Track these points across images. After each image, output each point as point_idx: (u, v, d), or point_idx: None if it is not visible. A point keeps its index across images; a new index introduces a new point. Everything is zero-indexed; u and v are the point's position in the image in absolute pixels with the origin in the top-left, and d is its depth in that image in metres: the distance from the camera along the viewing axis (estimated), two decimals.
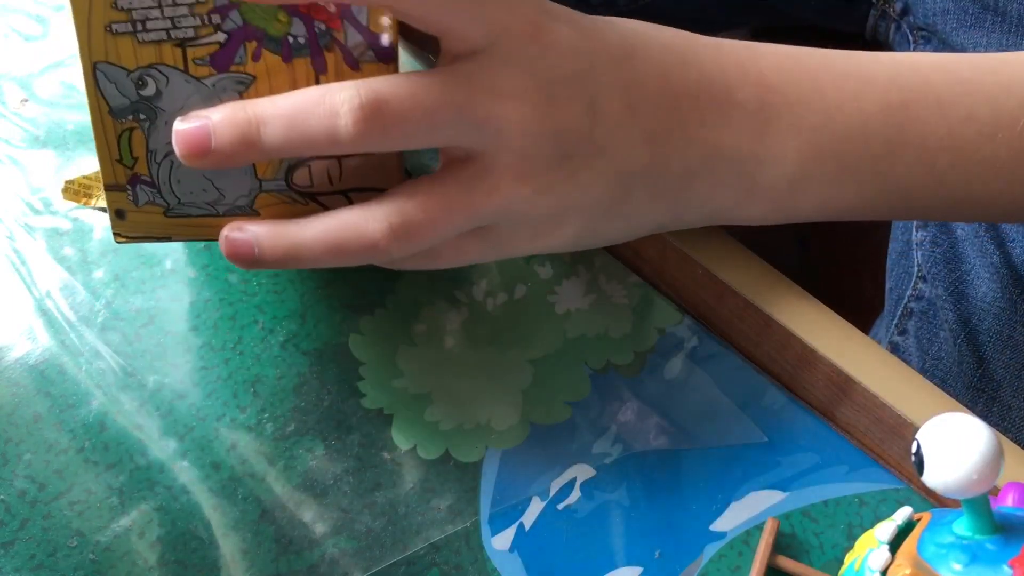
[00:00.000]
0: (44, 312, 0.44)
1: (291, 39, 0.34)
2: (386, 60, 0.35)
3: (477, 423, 0.43)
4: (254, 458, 0.41)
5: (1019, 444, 0.43)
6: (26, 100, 0.51)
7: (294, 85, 0.35)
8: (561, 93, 0.34)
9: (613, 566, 0.40)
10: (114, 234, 0.39)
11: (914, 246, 0.56)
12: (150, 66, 0.34)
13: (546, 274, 0.46)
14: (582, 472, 0.42)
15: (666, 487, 0.41)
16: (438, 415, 0.43)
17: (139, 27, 0.33)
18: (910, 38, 0.58)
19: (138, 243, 0.40)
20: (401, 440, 0.42)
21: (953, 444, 0.29)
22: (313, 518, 0.40)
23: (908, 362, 0.56)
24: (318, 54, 0.35)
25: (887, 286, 0.60)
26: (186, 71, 0.35)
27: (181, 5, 0.33)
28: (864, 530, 0.38)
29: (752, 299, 0.44)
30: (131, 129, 0.36)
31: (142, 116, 0.36)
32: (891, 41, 0.61)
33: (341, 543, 0.40)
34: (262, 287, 0.45)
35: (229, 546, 0.40)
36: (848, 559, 0.36)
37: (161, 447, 0.41)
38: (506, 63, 0.33)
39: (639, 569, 0.40)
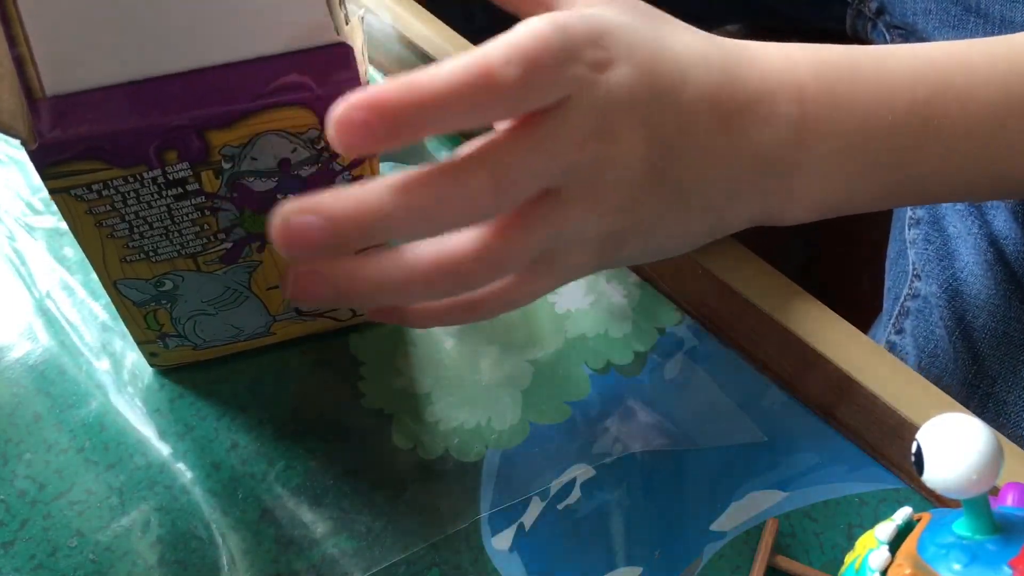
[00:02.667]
0: (44, 312, 0.44)
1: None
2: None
3: (477, 423, 0.43)
4: (254, 458, 0.41)
5: (1015, 439, 0.43)
6: None
7: None
8: (623, 126, 0.35)
9: (613, 566, 0.40)
10: (150, 364, 0.43)
11: (908, 244, 0.57)
12: (165, 273, 0.37)
13: None
14: (582, 472, 0.42)
15: (666, 487, 0.41)
16: (438, 415, 0.43)
17: (151, 254, 0.36)
18: (887, 36, 0.59)
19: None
20: (401, 440, 0.42)
21: (953, 444, 0.29)
22: (313, 518, 0.40)
23: (905, 360, 0.56)
24: None
25: (885, 286, 0.60)
26: (199, 271, 0.37)
27: (188, 233, 0.36)
28: (864, 530, 0.38)
29: (752, 299, 0.44)
30: (155, 310, 0.39)
31: (164, 301, 0.38)
32: (870, 39, 0.61)
33: (341, 543, 0.40)
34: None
35: (229, 546, 0.40)
36: (848, 559, 0.36)
37: (161, 447, 0.41)
38: (578, 111, 0.33)
39: (639, 569, 0.40)
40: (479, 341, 0.44)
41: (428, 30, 0.49)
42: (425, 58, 0.49)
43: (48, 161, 0.31)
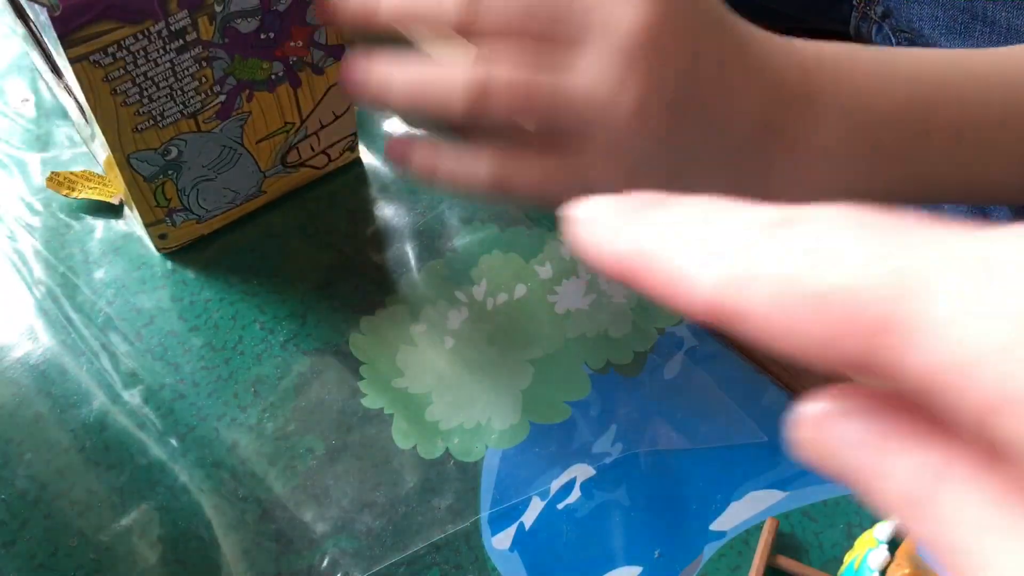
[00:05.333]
0: (45, 312, 0.44)
1: (273, 76, 0.41)
2: (339, 57, 0.43)
3: (477, 423, 0.43)
4: (255, 458, 0.41)
5: None
6: (27, 100, 0.51)
7: (279, 104, 0.42)
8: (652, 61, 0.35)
9: (613, 565, 0.40)
10: (159, 249, 0.46)
11: None
12: (171, 139, 0.40)
13: (546, 274, 0.46)
14: (582, 472, 0.42)
15: (666, 487, 0.41)
16: (438, 415, 0.43)
17: (159, 119, 0.39)
18: (892, 40, 0.59)
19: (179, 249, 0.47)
20: (401, 440, 0.42)
21: None
22: (313, 518, 0.40)
23: None
24: (293, 77, 0.42)
25: None
26: (199, 131, 0.41)
27: (188, 90, 0.39)
28: (863, 530, 0.38)
29: None
30: (163, 183, 0.42)
31: (170, 172, 0.42)
32: (874, 41, 0.61)
33: (341, 543, 0.40)
34: (263, 287, 0.45)
35: (229, 546, 0.40)
36: (847, 558, 0.36)
37: (162, 447, 0.42)
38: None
39: (639, 568, 0.40)
40: (479, 341, 0.44)
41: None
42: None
43: (72, 25, 0.34)
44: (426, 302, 0.45)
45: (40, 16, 0.35)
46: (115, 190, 0.47)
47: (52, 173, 0.48)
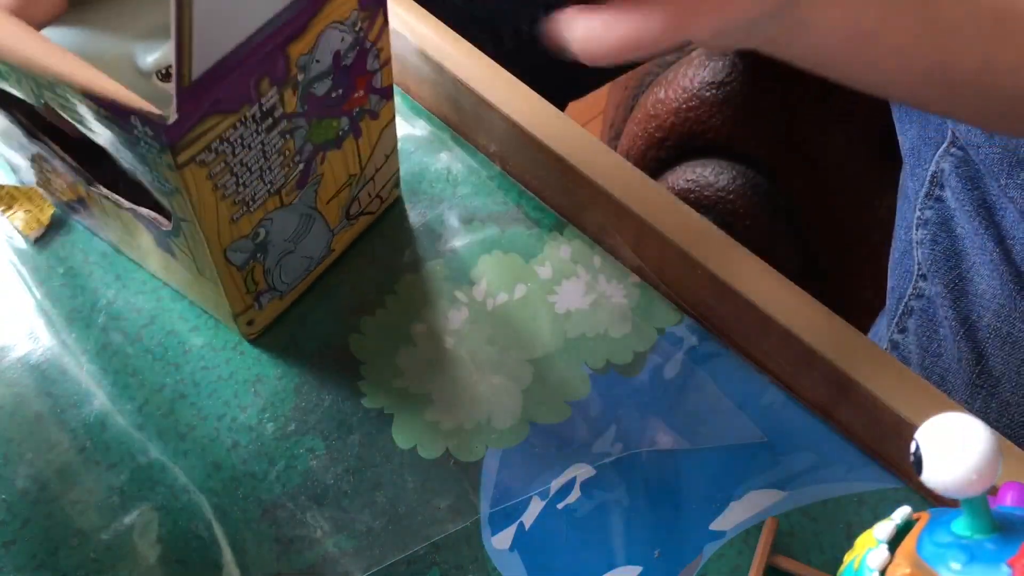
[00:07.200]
0: (45, 312, 0.44)
1: (340, 132, 0.41)
2: (390, 97, 0.42)
3: (477, 423, 0.43)
4: (255, 458, 0.42)
5: (1017, 440, 0.43)
6: None
7: (345, 159, 0.42)
8: None
9: (613, 565, 0.40)
10: (246, 336, 0.44)
11: (915, 245, 0.57)
12: (260, 221, 0.39)
13: (546, 274, 0.46)
14: (582, 472, 0.42)
15: (666, 487, 0.41)
16: (438, 415, 0.43)
17: (250, 204, 0.38)
18: None
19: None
20: (401, 440, 0.42)
21: (952, 444, 0.29)
22: (313, 518, 0.40)
23: (908, 360, 0.56)
24: (356, 127, 0.41)
25: (888, 285, 0.60)
26: (283, 206, 0.40)
27: (275, 167, 0.38)
28: (863, 529, 0.38)
29: (752, 299, 0.44)
30: (252, 268, 0.41)
31: (258, 255, 0.41)
32: None
33: (341, 543, 0.40)
34: None
35: (229, 546, 0.40)
36: (847, 558, 0.36)
37: (162, 446, 0.42)
38: None
39: (639, 568, 0.40)
40: (479, 341, 0.45)
41: (454, 50, 0.49)
42: (451, 78, 0.49)
43: (184, 130, 0.33)
44: (426, 302, 0.45)
45: (122, 134, 0.34)
46: (42, 219, 0.46)
47: None
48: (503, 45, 0.63)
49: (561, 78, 0.65)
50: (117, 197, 0.40)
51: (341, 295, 0.45)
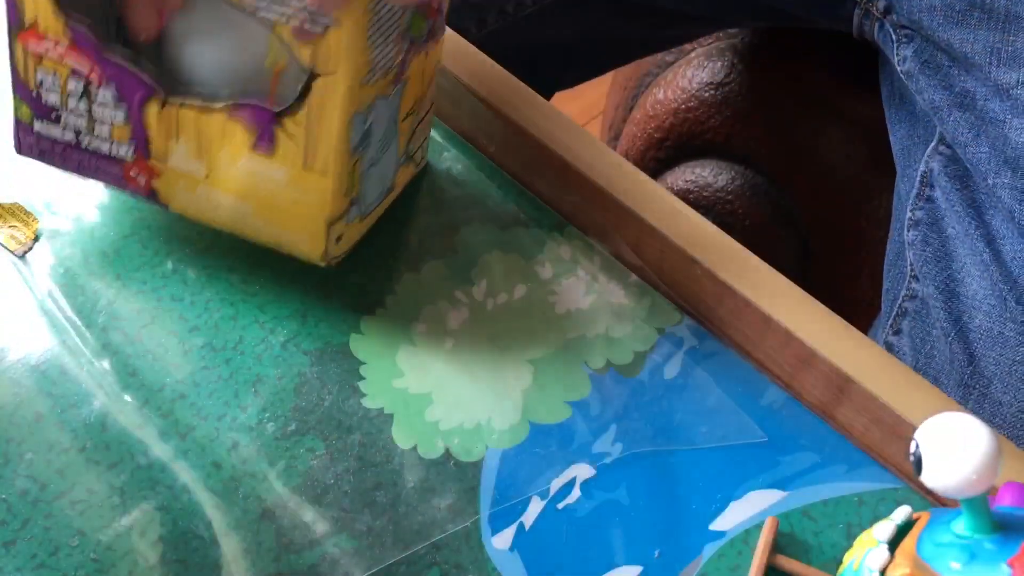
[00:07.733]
0: (45, 312, 0.44)
1: (424, 34, 0.42)
2: (443, 32, 0.44)
3: (477, 423, 0.43)
4: (255, 458, 0.42)
5: (1010, 439, 0.43)
6: None
7: (420, 73, 0.43)
8: None
9: (613, 565, 0.40)
10: (325, 258, 0.43)
11: (907, 246, 0.57)
12: (372, 102, 0.40)
13: (546, 274, 0.46)
14: (582, 472, 0.42)
15: (666, 487, 0.41)
16: (438, 415, 0.43)
17: (374, 73, 0.39)
18: (893, 37, 0.59)
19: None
20: (401, 440, 0.42)
21: (952, 444, 0.30)
22: (313, 518, 0.40)
23: (902, 361, 0.56)
24: (429, 38, 0.43)
25: (884, 287, 0.60)
26: (384, 95, 0.41)
27: (391, 40, 0.40)
28: (863, 529, 0.38)
29: (752, 299, 0.44)
30: (356, 161, 0.41)
31: (362, 145, 0.41)
32: (876, 40, 0.61)
33: (341, 543, 0.40)
34: (263, 287, 0.45)
35: (229, 546, 0.40)
36: (847, 558, 0.36)
37: (162, 447, 0.42)
38: None
39: (639, 568, 0.40)
40: (479, 341, 0.45)
41: (453, 49, 0.49)
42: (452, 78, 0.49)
43: None
44: (426, 302, 0.45)
45: None
46: (28, 234, 0.46)
47: None
48: (487, 27, 0.63)
49: (546, 61, 0.65)
50: (212, 96, 0.41)
51: (341, 295, 0.45)
